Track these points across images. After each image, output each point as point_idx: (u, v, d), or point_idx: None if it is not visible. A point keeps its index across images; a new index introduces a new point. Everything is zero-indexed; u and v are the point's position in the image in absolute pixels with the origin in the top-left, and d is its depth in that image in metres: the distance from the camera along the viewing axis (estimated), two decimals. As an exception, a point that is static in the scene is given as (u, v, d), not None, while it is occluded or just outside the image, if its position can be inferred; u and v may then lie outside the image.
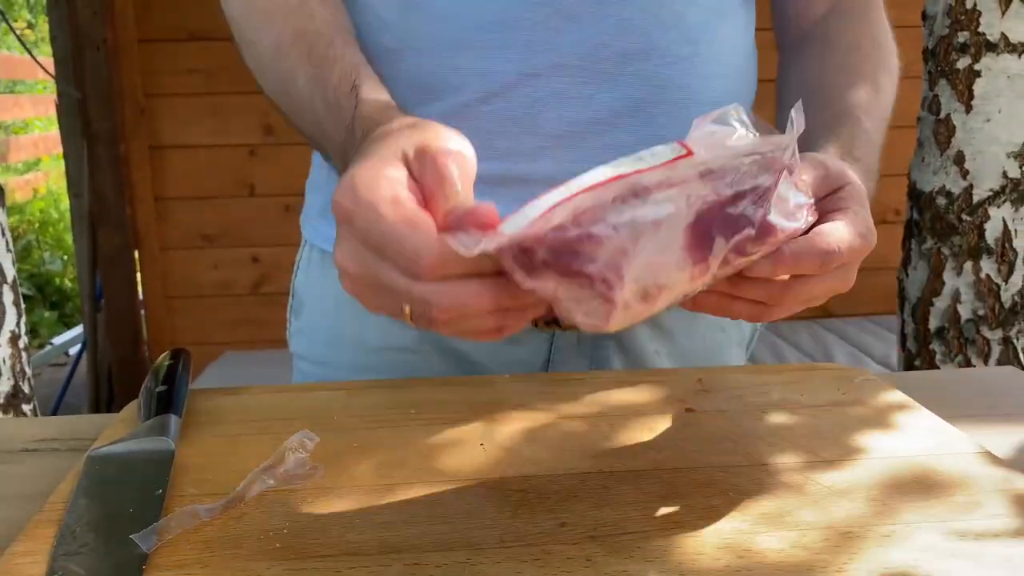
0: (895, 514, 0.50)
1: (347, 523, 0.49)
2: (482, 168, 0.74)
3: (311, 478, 0.53)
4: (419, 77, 0.73)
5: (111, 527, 0.48)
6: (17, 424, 0.71)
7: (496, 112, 0.71)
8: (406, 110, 0.58)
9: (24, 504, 0.55)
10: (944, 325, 1.82)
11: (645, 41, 0.71)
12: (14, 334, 1.49)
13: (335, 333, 0.82)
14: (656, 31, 0.71)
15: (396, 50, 0.73)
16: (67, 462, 0.61)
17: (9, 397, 1.44)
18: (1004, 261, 1.77)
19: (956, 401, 0.71)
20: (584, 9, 0.69)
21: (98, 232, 3.07)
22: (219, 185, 3.10)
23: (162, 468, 0.54)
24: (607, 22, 0.70)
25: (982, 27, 1.72)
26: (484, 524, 0.49)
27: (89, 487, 0.52)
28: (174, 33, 2.99)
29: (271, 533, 0.48)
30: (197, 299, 3.20)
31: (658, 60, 0.71)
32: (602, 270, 0.40)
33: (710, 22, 0.74)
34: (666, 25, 0.71)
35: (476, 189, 0.73)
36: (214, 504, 0.50)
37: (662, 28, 0.71)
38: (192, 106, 3.03)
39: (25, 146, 5.37)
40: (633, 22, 0.70)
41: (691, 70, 0.73)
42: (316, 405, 0.68)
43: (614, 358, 0.81)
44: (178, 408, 0.61)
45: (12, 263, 1.53)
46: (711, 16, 0.74)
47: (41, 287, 4.92)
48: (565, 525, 0.48)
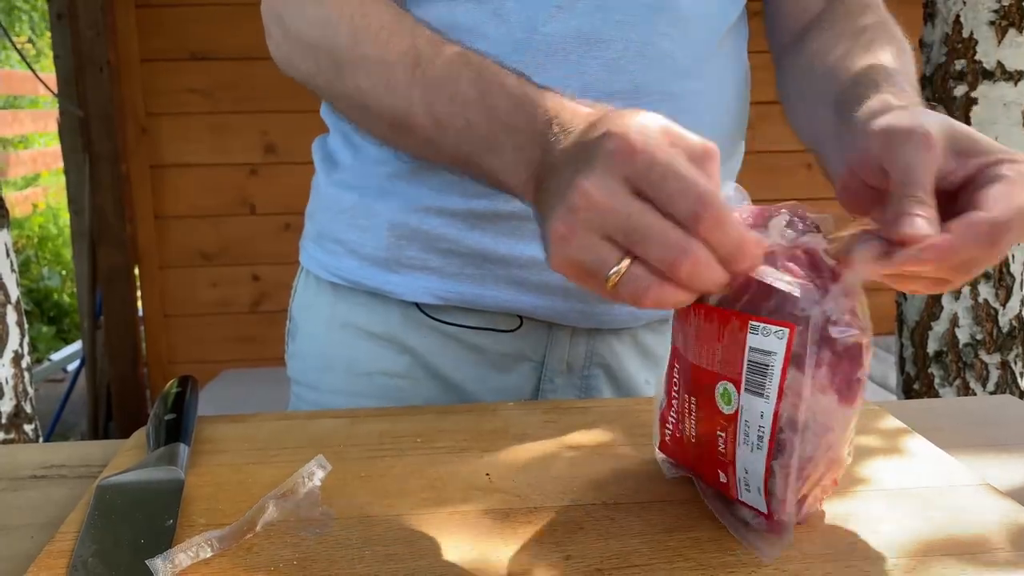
0: (899, 547, 0.50)
1: (355, 555, 0.49)
2: (469, 205, 0.75)
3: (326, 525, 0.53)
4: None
5: (123, 558, 0.48)
6: (25, 451, 0.72)
7: None
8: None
9: (33, 533, 0.56)
10: (942, 349, 1.83)
11: (631, 81, 0.71)
12: (17, 354, 1.49)
13: (327, 358, 0.83)
14: (643, 71, 0.71)
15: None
16: (75, 490, 0.61)
17: (11, 417, 1.44)
18: (1002, 286, 1.78)
19: (954, 430, 0.71)
20: (571, 51, 0.70)
21: (98, 250, 3.08)
22: (219, 203, 3.11)
23: (172, 498, 0.55)
24: (594, 63, 0.70)
25: (978, 55, 1.74)
26: (492, 557, 0.49)
27: (100, 517, 0.52)
28: (176, 53, 3.01)
29: (281, 565, 0.48)
30: (196, 317, 3.20)
31: (645, 99, 0.71)
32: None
33: (699, 57, 0.74)
34: (653, 65, 0.71)
35: (463, 225, 0.74)
36: (224, 531, 0.50)
37: (649, 68, 0.71)
38: (193, 125, 3.04)
39: (25, 161, 5.38)
40: (620, 63, 0.71)
41: (680, 107, 0.72)
42: (320, 433, 0.68)
43: (604, 387, 0.81)
44: (187, 437, 0.62)
45: (16, 283, 1.53)
46: (700, 51, 0.74)
47: (39, 302, 4.92)
48: (571, 558, 0.49)
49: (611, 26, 0.70)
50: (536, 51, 0.70)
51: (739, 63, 0.81)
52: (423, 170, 0.75)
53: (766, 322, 0.47)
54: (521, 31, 0.70)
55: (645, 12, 0.71)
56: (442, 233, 0.76)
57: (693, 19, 0.73)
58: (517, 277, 0.75)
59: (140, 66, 3.05)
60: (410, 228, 0.76)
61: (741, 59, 0.81)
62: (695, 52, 0.73)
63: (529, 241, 0.74)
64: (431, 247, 0.76)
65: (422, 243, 0.76)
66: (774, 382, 0.46)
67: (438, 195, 0.75)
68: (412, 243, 0.77)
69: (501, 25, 0.70)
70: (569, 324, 0.78)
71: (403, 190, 0.77)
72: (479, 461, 0.62)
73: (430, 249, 0.76)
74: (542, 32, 0.70)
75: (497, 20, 0.70)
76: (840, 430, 0.50)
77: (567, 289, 0.75)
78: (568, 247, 0.46)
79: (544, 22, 0.70)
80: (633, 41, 0.71)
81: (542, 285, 0.75)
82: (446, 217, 0.75)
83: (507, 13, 0.70)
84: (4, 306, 1.48)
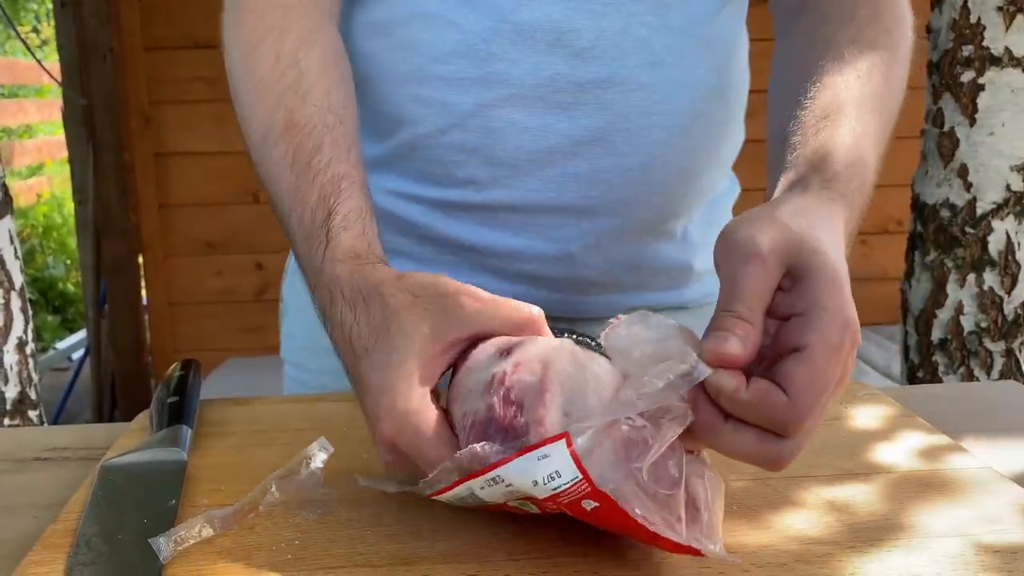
0: (902, 531, 0.50)
1: (356, 535, 0.50)
2: (443, 195, 0.75)
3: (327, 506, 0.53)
4: (387, 106, 0.74)
5: (126, 537, 0.48)
6: (29, 433, 0.72)
7: (455, 142, 0.72)
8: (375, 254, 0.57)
9: (37, 513, 0.56)
10: (947, 337, 1.83)
11: (604, 70, 0.70)
12: (21, 340, 1.50)
13: (314, 338, 0.83)
14: (616, 60, 0.70)
15: (365, 79, 0.75)
16: (79, 471, 0.62)
17: (16, 403, 1.45)
18: (1007, 273, 1.77)
19: (958, 416, 0.71)
20: (539, 39, 0.69)
21: (103, 239, 3.08)
22: (223, 192, 3.12)
23: (175, 479, 0.55)
24: (563, 52, 0.69)
25: (986, 41, 1.73)
26: (492, 537, 0.49)
27: (103, 497, 0.53)
28: (179, 41, 3.01)
29: (283, 544, 0.49)
30: (201, 306, 3.21)
31: (618, 89, 0.70)
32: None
33: (678, 45, 0.72)
34: (627, 53, 0.70)
35: (438, 214, 0.74)
36: (227, 511, 0.50)
37: (623, 56, 0.70)
38: (197, 114, 3.04)
39: (29, 150, 5.39)
40: (592, 52, 0.69)
41: (654, 96, 0.71)
42: (322, 415, 0.69)
43: None
44: (189, 419, 0.62)
45: (20, 270, 1.54)
46: (678, 38, 0.72)
47: (44, 291, 4.93)
48: (571, 538, 0.49)
49: (583, 14, 0.69)
50: (503, 39, 0.69)
51: (731, 45, 0.78)
52: (397, 157, 0.76)
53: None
54: (490, 19, 0.69)
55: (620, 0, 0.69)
56: (417, 220, 0.76)
57: (672, 5, 0.71)
58: (492, 265, 0.75)
59: (144, 54, 3.05)
60: (386, 213, 0.76)
61: (735, 40, 0.78)
62: (672, 40, 0.71)
63: (503, 231, 0.74)
64: (407, 232, 0.77)
65: (397, 228, 0.76)
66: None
67: (412, 183, 0.76)
68: (387, 227, 0.77)
69: (471, 12, 0.69)
70: (546, 313, 0.78)
71: (377, 176, 0.77)
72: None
73: (406, 234, 0.77)
74: (511, 20, 0.69)
75: (467, 7, 0.69)
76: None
77: (543, 278, 0.75)
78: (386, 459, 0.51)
79: (513, 10, 0.69)
80: (606, 30, 0.69)
81: (519, 274, 0.75)
82: (423, 205, 0.76)
83: (477, 0, 0.69)
84: (8, 293, 1.49)
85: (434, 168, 0.74)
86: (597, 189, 0.73)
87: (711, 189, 0.82)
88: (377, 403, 0.49)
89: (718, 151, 0.80)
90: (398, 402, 0.48)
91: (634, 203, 0.74)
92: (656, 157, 0.73)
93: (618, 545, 0.48)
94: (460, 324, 0.50)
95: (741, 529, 0.50)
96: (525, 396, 0.45)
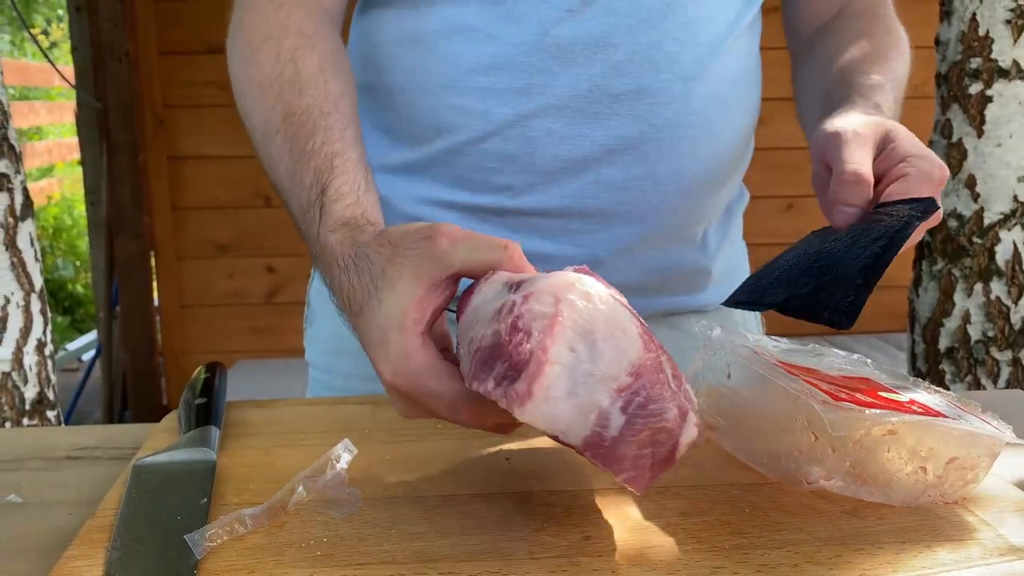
0: (908, 532, 0.52)
1: (383, 534, 0.51)
2: (478, 201, 0.77)
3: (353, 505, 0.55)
4: (423, 115, 0.76)
5: (161, 534, 0.50)
6: (59, 432, 0.74)
7: (493, 150, 0.74)
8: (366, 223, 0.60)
9: (70, 509, 0.58)
10: (954, 346, 1.84)
11: (637, 83, 0.73)
12: (40, 342, 1.52)
13: (341, 342, 0.85)
14: (649, 73, 0.73)
15: (402, 88, 0.77)
16: (108, 470, 0.64)
17: (35, 403, 1.47)
18: (1014, 283, 1.79)
19: (965, 424, 0.73)
20: (578, 53, 0.72)
21: (115, 240, 3.11)
22: (235, 195, 3.14)
23: (205, 478, 0.57)
24: (600, 65, 0.72)
25: (994, 54, 1.74)
26: (514, 536, 0.51)
27: (137, 495, 0.55)
28: (193, 45, 3.04)
29: (312, 542, 0.50)
30: (212, 308, 3.23)
31: (651, 100, 0.73)
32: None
33: (705, 59, 0.75)
34: (659, 67, 0.73)
35: (471, 219, 0.76)
36: (257, 510, 0.52)
37: (655, 70, 0.73)
38: (210, 117, 3.07)
39: (40, 152, 5.42)
40: (626, 65, 0.73)
41: (685, 107, 0.75)
42: (345, 418, 0.70)
43: None
44: (217, 420, 0.64)
45: (40, 272, 1.56)
46: (706, 53, 0.75)
47: (54, 292, 4.96)
48: (590, 538, 0.51)
49: (620, 30, 0.72)
50: (544, 53, 0.72)
51: (750, 60, 0.82)
52: (432, 164, 0.78)
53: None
54: (532, 33, 0.72)
55: (654, 17, 0.73)
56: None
57: (700, 23, 0.74)
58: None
59: (158, 58, 3.08)
60: (421, 220, 0.78)
61: (753, 56, 0.83)
62: (701, 55, 0.75)
63: (535, 236, 0.76)
64: None
65: None
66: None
67: (446, 189, 0.77)
68: None
69: (512, 26, 0.72)
70: None
71: (413, 182, 0.79)
72: (498, 446, 0.64)
73: None
74: (552, 35, 0.72)
75: (508, 22, 0.72)
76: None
77: None
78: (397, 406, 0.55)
79: (554, 25, 0.72)
80: (641, 45, 0.73)
81: None
82: (456, 211, 0.78)
83: (519, 15, 0.72)
84: (29, 295, 1.51)
85: (470, 175, 0.76)
86: (629, 196, 0.75)
87: (728, 196, 0.85)
88: (376, 355, 0.53)
89: (741, 159, 0.83)
90: (392, 349, 0.52)
91: (664, 210, 0.77)
92: (686, 166, 0.76)
93: (635, 547, 0.50)
94: (438, 263, 0.52)
95: (753, 531, 0.52)
96: (534, 325, 0.46)
